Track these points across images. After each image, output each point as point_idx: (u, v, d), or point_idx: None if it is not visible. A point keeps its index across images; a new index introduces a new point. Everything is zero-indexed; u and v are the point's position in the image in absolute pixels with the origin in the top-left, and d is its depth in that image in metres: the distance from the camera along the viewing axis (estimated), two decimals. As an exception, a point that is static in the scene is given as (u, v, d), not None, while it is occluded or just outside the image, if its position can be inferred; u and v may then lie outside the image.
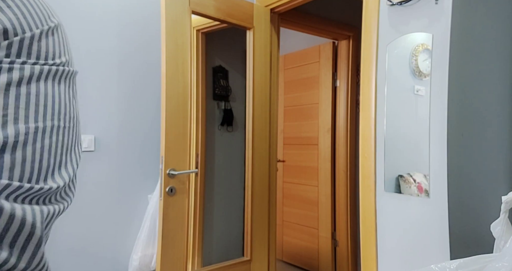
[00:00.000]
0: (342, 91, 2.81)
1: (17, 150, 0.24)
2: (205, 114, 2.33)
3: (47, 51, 0.28)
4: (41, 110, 0.27)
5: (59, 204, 0.29)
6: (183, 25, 1.79)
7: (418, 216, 1.36)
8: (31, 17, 0.27)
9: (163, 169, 1.72)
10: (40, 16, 0.28)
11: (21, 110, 0.25)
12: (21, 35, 0.26)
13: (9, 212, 0.23)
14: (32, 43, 0.27)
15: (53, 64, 0.28)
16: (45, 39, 0.28)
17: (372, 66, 1.52)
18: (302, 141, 3.10)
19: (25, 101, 0.25)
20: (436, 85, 1.31)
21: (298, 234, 3.15)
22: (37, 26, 0.28)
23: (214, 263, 2.13)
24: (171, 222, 1.75)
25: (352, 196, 2.81)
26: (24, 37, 0.26)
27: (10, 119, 0.24)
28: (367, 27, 1.55)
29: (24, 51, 0.26)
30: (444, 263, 1.05)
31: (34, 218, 0.25)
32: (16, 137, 0.25)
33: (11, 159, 0.24)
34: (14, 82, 0.25)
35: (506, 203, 1.16)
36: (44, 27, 0.28)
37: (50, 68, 0.28)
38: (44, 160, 0.27)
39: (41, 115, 0.26)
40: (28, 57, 0.26)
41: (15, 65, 0.25)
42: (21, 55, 0.26)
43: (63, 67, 0.30)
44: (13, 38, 0.25)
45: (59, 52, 0.30)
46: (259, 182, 2.16)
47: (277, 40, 2.23)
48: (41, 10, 0.29)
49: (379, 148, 1.49)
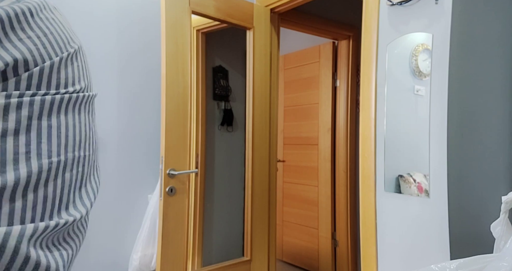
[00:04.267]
0: (342, 91, 2.81)
1: (39, 188, 0.24)
2: (205, 114, 2.33)
3: (66, 78, 0.28)
4: (63, 142, 0.26)
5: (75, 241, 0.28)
6: (183, 25, 1.79)
7: (418, 216, 1.36)
8: (51, 46, 0.27)
9: (163, 169, 1.72)
10: (60, 43, 0.28)
11: (43, 144, 0.24)
12: (40, 65, 0.25)
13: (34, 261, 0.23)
14: (52, 72, 0.26)
15: (74, 92, 0.28)
16: (65, 66, 0.28)
17: (372, 66, 1.52)
18: (302, 141, 3.10)
19: (46, 135, 0.25)
20: (436, 85, 1.31)
21: (298, 234, 3.15)
22: (57, 54, 0.27)
23: (214, 263, 2.13)
24: (171, 222, 1.75)
25: (352, 196, 2.81)
26: (44, 66, 0.26)
27: (33, 156, 0.24)
28: (367, 27, 1.55)
29: (44, 81, 0.26)
30: (444, 263, 1.05)
31: (57, 265, 0.24)
32: (39, 175, 0.24)
33: (33, 198, 0.23)
34: (35, 116, 0.24)
35: (506, 203, 1.16)
36: (64, 54, 0.28)
37: (70, 96, 0.27)
38: (64, 196, 0.26)
39: (62, 147, 0.26)
40: (48, 87, 0.26)
41: (36, 98, 0.25)
42: (41, 86, 0.25)
43: (83, 93, 0.29)
44: (33, 69, 0.25)
45: (79, 77, 0.29)
46: (259, 182, 2.16)
47: (277, 40, 2.23)
48: (61, 36, 0.28)
49: (379, 148, 1.49)
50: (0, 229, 0.21)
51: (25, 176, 0.23)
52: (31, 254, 0.22)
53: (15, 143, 0.23)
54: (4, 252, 0.21)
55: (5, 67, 0.23)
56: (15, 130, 0.23)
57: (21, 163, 0.23)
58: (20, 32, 0.25)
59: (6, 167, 0.22)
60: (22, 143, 0.23)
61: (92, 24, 1.83)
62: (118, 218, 1.90)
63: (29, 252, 0.22)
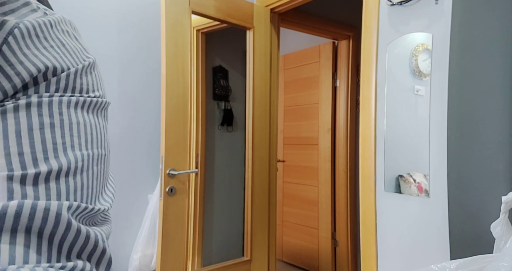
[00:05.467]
0: (342, 91, 2.81)
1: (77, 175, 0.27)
2: (205, 114, 2.33)
3: (87, 84, 0.31)
4: (89, 138, 0.29)
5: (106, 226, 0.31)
6: (183, 25, 1.79)
7: (418, 216, 1.36)
8: (70, 55, 0.31)
9: (163, 169, 1.72)
10: (77, 54, 0.32)
11: (75, 138, 0.28)
12: (66, 71, 0.29)
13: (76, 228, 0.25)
14: (76, 78, 0.30)
15: (94, 97, 0.31)
16: (85, 74, 0.31)
17: (372, 66, 1.52)
18: (302, 141, 3.10)
19: (77, 130, 0.28)
20: (436, 85, 1.31)
21: (298, 234, 3.15)
22: (77, 62, 0.31)
23: (214, 263, 2.13)
24: (171, 222, 1.75)
25: (352, 196, 2.81)
26: (69, 72, 0.29)
27: (68, 147, 0.27)
28: (367, 27, 1.55)
29: (70, 85, 0.29)
30: (444, 263, 1.05)
31: (96, 237, 0.27)
32: (76, 163, 0.27)
33: (74, 183, 0.27)
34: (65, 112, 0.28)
35: (506, 203, 1.16)
36: (84, 63, 0.31)
37: (91, 100, 0.31)
38: (95, 186, 0.29)
39: (89, 143, 0.29)
40: (73, 91, 0.29)
41: (64, 98, 0.28)
42: (67, 89, 0.29)
43: (101, 99, 0.32)
44: (60, 74, 0.29)
45: (97, 86, 0.33)
46: (259, 182, 2.16)
47: (277, 40, 2.23)
48: (77, 48, 0.32)
49: (379, 148, 1.49)
50: (46, 202, 0.24)
51: (66, 163, 0.26)
52: (72, 222, 0.25)
53: (52, 135, 0.26)
54: (48, 218, 0.24)
55: (37, 73, 0.27)
56: (51, 124, 0.27)
57: (60, 152, 0.26)
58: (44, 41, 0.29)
59: (48, 154, 0.26)
60: (58, 135, 0.27)
61: (93, 24, 1.83)
62: (118, 218, 1.90)
63: (71, 220, 0.25)
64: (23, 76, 0.26)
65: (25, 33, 0.28)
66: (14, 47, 0.27)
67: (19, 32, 0.27)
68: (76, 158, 0.27)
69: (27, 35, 0.28)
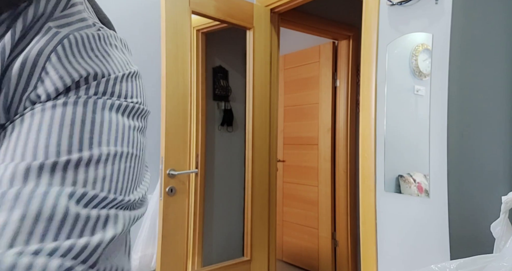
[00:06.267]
0: (342, 91, 2.81)
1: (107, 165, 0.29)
2: (205, 114, 2.33)
3: (126, 90, 0.34)
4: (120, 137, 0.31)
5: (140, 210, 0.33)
6: (183, 25, 1.79)
7: (418, 216, 1.36)
8: (114, 64, 0.34)
9: (163, 169, 1.72)
10: (121, 63, 0.35)
11: (104, 135, 0.30)
12: (107, 77, 0.32)
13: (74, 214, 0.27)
14: (116, 84, 0.33)
15: (131, 102, 0.34)
16: (125, 81, 0.34)
17: (372, 66, 1.52)
18: (302, 141, 3.10)
19: (107, 128, 0.30)
20: (436, 85, 1.31)
21: (298, 234, 3.15)
22: (119, 70, 0.34)
23: (214, 263, 2.14)
24: (171, 222, 1.75)
25: (352, 196, 2.81)
26: (109, 78, 0.32)
27: (95, 141, 0.29)
28: (367, 27, 1.55)
29: (109, 90, 0.32)
30: (444, 263, 1.05)
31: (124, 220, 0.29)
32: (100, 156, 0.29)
33: (103, 172, 0.29)
34: (99, 111, 0.30)
35: (506, 203, 1.16)
36: (125, 71, 0.34)
37: (128, 104, 0.33)
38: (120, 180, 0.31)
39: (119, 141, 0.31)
40: (111, 95, 0.32)
41: (100, 99, 0.31)
42: (106, 93, 0.32)
43: (138, 105, 0.35)
44: (101, 79, 0.32)
45: (137, 93, 0.35)
46: (259, 182, 2.16)
47: (277, 40, 2.23)
48: (122, 59, 0.36)
49: (379, 148, 1.49)
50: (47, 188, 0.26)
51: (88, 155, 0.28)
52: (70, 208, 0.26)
53: (81, 129, 0.29)
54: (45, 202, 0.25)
55: (79, 77, 0.30)
56: (82, 120, 0.29)
57: (84, 146, 0.28)
58: (90, 51, 0.32)
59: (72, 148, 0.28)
60: (87, 130, 0.29)
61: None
62: (118, 218, 1.90)
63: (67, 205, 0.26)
64: (65, 80, 0.30)
65: (73, 43, 0.31)
66: (61, 54, 0.30)
67: (67, 42, 0.31)
68: (101, 152, 0.29)
69: (75, 45, 0.31)
